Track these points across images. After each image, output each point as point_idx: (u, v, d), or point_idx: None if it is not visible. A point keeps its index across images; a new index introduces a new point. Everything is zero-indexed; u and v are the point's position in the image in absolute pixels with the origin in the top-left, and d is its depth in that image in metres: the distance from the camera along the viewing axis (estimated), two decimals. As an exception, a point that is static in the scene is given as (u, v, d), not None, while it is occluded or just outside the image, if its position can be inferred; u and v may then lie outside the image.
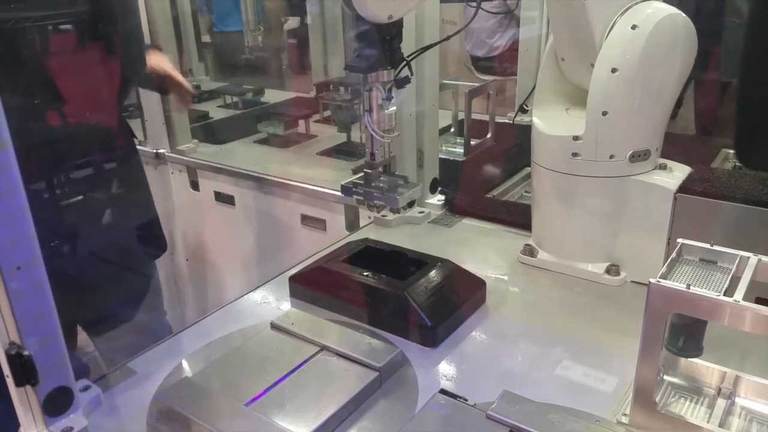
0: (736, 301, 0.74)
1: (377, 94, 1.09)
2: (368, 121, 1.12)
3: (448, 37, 1.34)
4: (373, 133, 1.12)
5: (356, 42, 1.06)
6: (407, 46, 1.12)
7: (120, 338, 1.51)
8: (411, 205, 1.64)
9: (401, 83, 1.11)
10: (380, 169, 1.18)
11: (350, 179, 1.21)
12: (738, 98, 0.41)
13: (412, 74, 1.12)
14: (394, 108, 1.12)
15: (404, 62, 1.09)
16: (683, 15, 1.13)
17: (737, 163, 1.84)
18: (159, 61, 1.72)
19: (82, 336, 1.57)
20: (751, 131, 0.40)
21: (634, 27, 1.11)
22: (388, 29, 1.04)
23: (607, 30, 1.15)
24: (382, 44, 1.05)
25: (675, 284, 0.77)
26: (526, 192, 1.89)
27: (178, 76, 1.74)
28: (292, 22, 3.92)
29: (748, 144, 0.41)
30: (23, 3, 1.42)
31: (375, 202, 1.17)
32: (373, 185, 1.17)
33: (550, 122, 1.26)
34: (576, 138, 1.18)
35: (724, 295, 0.75)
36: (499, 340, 1.13)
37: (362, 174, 1.19)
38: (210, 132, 2.52)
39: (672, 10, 1.13)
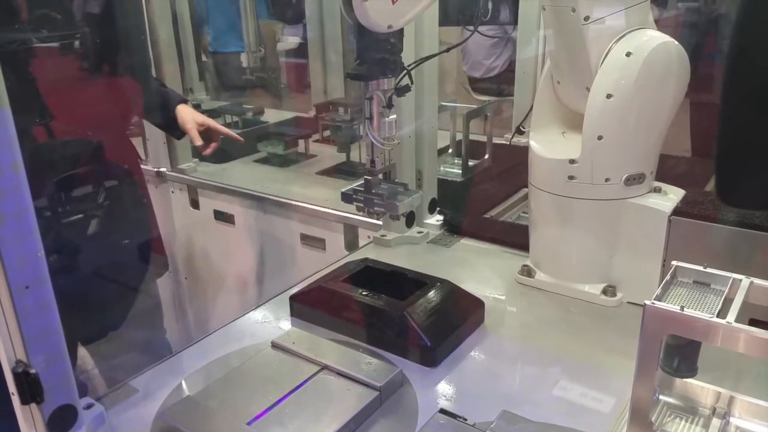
0: (728, 322, 0.75)
1: (378, 101, 1.11)
2: (368, 129, 1.14)
3: (448, 49, 1.37)
4: (374, 141, 1.14)
5: (357, 50, 1.08)
6: (407, 60, 1.14)
7: (120, 356, 1.52)
8: (410, 224, 1.67)
9: (401, 91, 1.12)
10: (380, 176, 1.20)
11: (350, 186, 1.22)
12: (717, 140, 0.44)
13: (412, 83, 1.14)
14: (394, 116, 1.14)
15: (405, 71, 1.12)
16: (676, 43, 1.16)
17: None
18: (194, 115, 1.77)
19: (81, 353, 1.57)
20: (730, 171, 0.42)
21: (628, 54, 1.14)
22: (389, 38, 1.07)
23: (603, 56, 1.18)
24: (383, 53, 1.08)
25: (669, 306, 0.78)
26: (523, 212, 1.91)
27: (222, 127, 1.84)
28: (292, 42, 3.95)
29: (728, 183, 0.42)
30: (28, 24, 1.46)
31: (375, 208, 1.18)
32: (373, 192, 1.18)
33: (547, 145, 1.29)
34: (572, 161, 1.21)
35: (717, 316, 0.77)
36: (497, 360, 1.14)
37: (362, 181, 1.20)
38: (210, 151, 2.54)
39: (665, 38, 1.16)
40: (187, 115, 1.73)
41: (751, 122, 0.39)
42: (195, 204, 2.30)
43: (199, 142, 1.75)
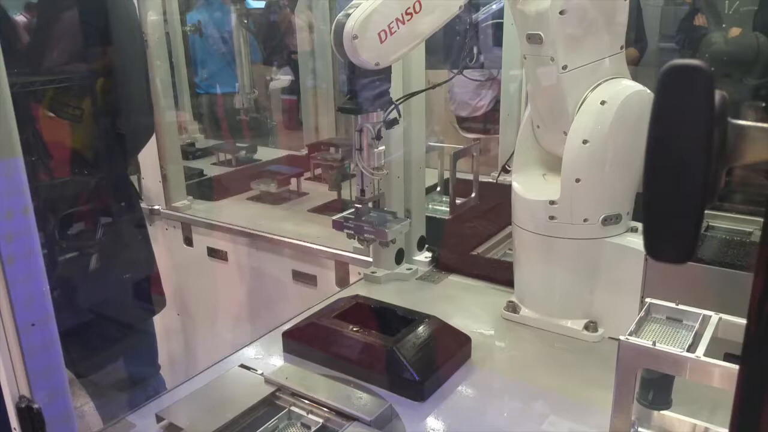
0: (697, 356, 0.81)
1: (367, 134, 1.18)
2: (358, 159, 1.20)
3: (434, 86, 1.45)
4: (363, 170, 1.20)
5: (348, 86, 1.15)
6: (395, 96, 1.22)
7: (117, 392, 1.54)
8: (400, 261, 1.72)
9: (390, 124, 1.20)
10: (370, 204, 1.25)
11: (341, 214, 1.27)
12: (642, 208, 0.51)
13: (400, 117, 1.21)
14: (383, 147, 1.21)
15: (393, 105, 1.19)
16: (648, 91, 1.24)
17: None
18: None
19: (75, 386, 1.59)
20: (655, 232, 0.48)
21: (603, 102, 1.21)
22: (378, 74, 1.14)
23: (579, 103, 1.25)
24: (372, 88, 1.15)
25: (642, 341, 0.84)
26: (509, 249, 1.96)
27: None
28: (284, 80, 4.04)
29: (653, 242, 0.49)
30: (29, 67, 1.51)
31: (365, 235, 1.23)
32: (363, 219, 1.23)
33: (529, 187, 1.35)
34: (552, 202, 1.27)
35: (688, 351, 0.82)
36: (485, 394, 1.18)
37: (353, 209, 1.25)
38: (204, 189, 2.59)
39: (638, 87, 1.24)
40: None
41: (665, 196, 0.46)
42: (188, 241, 2.33)
43: None
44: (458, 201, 2.20)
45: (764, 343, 0.40)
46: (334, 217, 1.27)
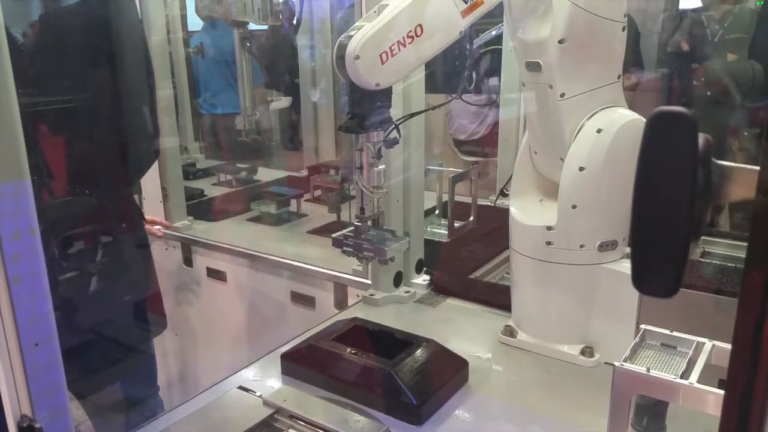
0: (690, 383, 0.82)
1: (368, 153, 1.20)
2: (358, 178, 1.22)
3: (434, 107, 1.46)
4: (363, 189, 1.22)
5: (349, 105, 1.17)
6: (396, 116, 1.23)
7: (115, 412, 1.54)
8: (398, 284, 1.73)
9: (390, 144, 1.22)
10: (369, 223, 1.26)
11: (341, 232, 1.29)
12: (630, 243, 0.54)
13: (400, 136, 1.23)
14: (383, 166, 1.22)
15: (393, 125, 1.21)
16: (644, 120, 1.26)
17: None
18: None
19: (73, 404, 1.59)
20: (642, 267, 0.51)
21: (599, 131, 1.24)
22: (379, 95, 1.17)
23: (576, 130, 1.28)
24: (373, 108, 1.17)
25: (636, 367, 0.85)
26: (506, 273, 1.97)
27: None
28: (285, 100, 4.08)
29: (641, 276, 0.51)
30: (33, 87, 1.53)
31: (364, 253, 1.24)
32: (362, 237, 1.25)
33: (526, 212, 1.37)
34: (549, 228, 1.29)
35: (681, 377, 0.84)
36: (481, 418, 1.19)
37: (353, 227, 1.27)
38: (205, 209, 2.61)
39: (634, 115, 1.26)
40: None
41: (652, 233, 0.48)
42: (188, 261, 2.34)
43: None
44: (456, 224, 2.21)
45: (749, 367, 0.42)
46: (333, 235, 1.28)
